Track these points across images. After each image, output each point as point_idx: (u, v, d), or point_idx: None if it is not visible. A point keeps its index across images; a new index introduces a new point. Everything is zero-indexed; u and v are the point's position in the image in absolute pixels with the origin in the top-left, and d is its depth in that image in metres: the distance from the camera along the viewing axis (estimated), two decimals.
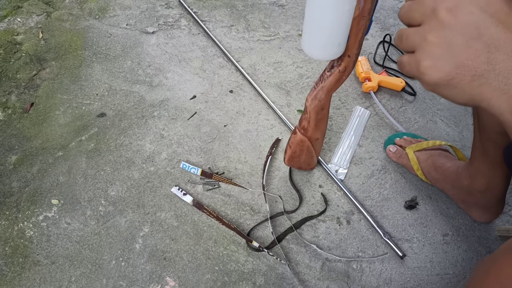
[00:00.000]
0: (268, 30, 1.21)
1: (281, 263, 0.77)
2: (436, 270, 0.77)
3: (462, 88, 0.29)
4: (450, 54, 0.29)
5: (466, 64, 0.28)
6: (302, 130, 0.75)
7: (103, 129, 0.99)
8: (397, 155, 0.89)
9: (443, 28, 0.29)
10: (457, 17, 0.28)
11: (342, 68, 0.62)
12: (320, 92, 0.67)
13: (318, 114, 0.71)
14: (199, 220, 0.84)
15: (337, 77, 0.64)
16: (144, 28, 1.22)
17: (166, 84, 1.08)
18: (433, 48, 0.30)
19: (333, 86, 0.66)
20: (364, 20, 0.53)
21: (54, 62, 1.14)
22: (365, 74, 1.03)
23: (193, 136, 0.97)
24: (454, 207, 0.84)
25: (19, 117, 1.02)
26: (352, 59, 0.61)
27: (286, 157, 0.82)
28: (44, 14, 1.27)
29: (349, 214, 0.84)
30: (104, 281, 0.77)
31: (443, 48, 0.29)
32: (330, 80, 0.64)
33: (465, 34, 0.28)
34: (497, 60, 0.28)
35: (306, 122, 0.73)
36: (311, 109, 0.70)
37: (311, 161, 0.85)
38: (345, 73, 0.63)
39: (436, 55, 0.29)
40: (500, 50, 0.28)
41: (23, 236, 0.83)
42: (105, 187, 0.89)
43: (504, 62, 0.28)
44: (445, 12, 0.29)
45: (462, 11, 0.28)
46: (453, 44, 0.29)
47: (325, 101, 0.69)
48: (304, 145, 0.78)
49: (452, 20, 0.29)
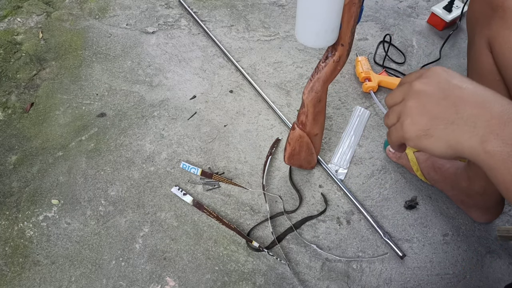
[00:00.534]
0: (268, 30, 1.21)
1: (281, 263, 0.77)
2: (436, 270, 0.77)
3: (438, 136, 0.35)
4: (425, 111, 0.36)
5: (439, 116, 0.35)
6: (300, 125, 0.75)
7: (103, 129, 0.99)
8: (397, 155, 0.89)
9: (418, 95, 0.37)
10: (429, 86, 0.36)
11: (336, 57, 0.62)
12: (317, 83, 0.67)
13: (316, 107, 0.71)
14: (199, 220, 0.84)
15: (332, 67, 0.64)
16: (144, 28, 1.22)
17: (166, 84, 1.08)
18: (412, 110, 0.37)
19: (328, 77, 0.66)
20: (354, 6, 0.53)
21: (54, 62, 1.14)
22: (365, 74, 1.03)
23: (193, 136, 0.97)
24: (454, 207, 0.84)
25: (19, 117, 1.02)
26: (345, 48, 0.60)
27: (286, 155, 0.82)
28: (44, 14, 1.27)
29: (349, 214, 0.84)
30: (104, 281, 0.77)
31: (419, 108, 0.36)
32: (325, 71, 0.65)
33: (436, 96, 0.36)
34: (464, 110, 0.34)
35: (304, 117, 0.73)
36: (309, 101, 0.70)
37: (311, 159, 0.84)
38: (339, 63, 0.63)
39: (415, 114, 0.37)
40: (465, 103, 0.34)
41: (23, 236, 0.83)
42: (105, 187, 0.89)
43: (470, 110, 0.34)
44: (419, 84, 0.37)
45: (432, 81, 0.36)
46: (427, 104, 0.36)
47: (322, 92, 0.69)
48: (303, 141, 0.78)
49: (425, 88, 0.37)
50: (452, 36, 1.13)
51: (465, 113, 0.34)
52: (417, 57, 1.12)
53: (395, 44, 1.14)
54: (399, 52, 1.13)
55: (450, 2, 1.11)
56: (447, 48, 1.13)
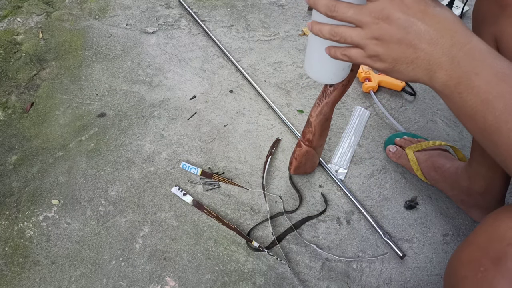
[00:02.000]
0: (268, 30, 1.21)
1: (281, 263, 0.77)
2: (436, 270, 0.77)
3: (402, 72, 0.42)
4: (389, 51, 0.41)
5: (400, 57, 0.40)
6: (307, 142, 0.75)
7: (103, 129, 0.99)
8: (397, 155, 0.89)
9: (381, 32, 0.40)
10: (390, 23, 0.39)
11: (345, 81, 0.63)
12: (325, 107, 0.67)
13: (323, 125, 0.72)
14: (199, 220, 0.84)
15: (341, 91, 0.65)
16: (144, 28, 1.22)
17: (166, 84, 1.08)
18: (377, 47, 0.41)
19: (337, 99, 0.67)
20: None
21: (54, 62, 1.14)
22: (365, 74, 1.03)
23: (193, 136, 0.97)
24: (454, 207, 0.84)
25: (19, 117, 1.02)
26: (354, 73, 0.62)
27: (292, 168, 0.82)
28: (44, 14, 1.27)
29: (349, 214, 0.84)
30: (104, 281, 0.77)
31: (383, 47, 0.41)
32: (334, 95, 0.65)
33: (397, 34, 0.39)
34: (421, 48, 0.38)
35: (311, 135, 0.73)
36: (316, 123, 0.70)
37: (315, 164, 0.86)
38: (348, 85, 0.64)
39: (380, 52, 0.41)
40: (422, 40, 0.38)
41: (23, 236, 0.83)
42: (105, 187, 0.89)
43: (426, 49, 0.38)
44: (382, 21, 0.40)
45: (393, 17, 0.39)
46: (390, 43, 0.40)
47: (329, 114, 0.70)
48: (309, 155, 0.79)
49: (387, 26, 0.40)
50: None
51: (421, 51, 0.38)
52: None
53: None
54: None
55: (450, 2, 1.11)
56: None
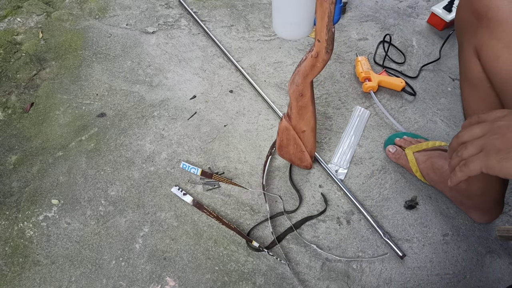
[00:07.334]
0: (268, 30, 1.21)
1: (281, 263, 0.77)
2: (436, 270, 0.77)
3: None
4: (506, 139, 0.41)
5: None
6: (287, 117, 0.77)
7: (103, 129, 0.99)
8: (396, 156, 0.89)
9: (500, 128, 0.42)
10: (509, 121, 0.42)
11: (314, 53, 0.62)
12: (297, 76, 0.68)
13: (298, 100, 0.72)
14: (199, 220, 0.84)
15: (311, 62, 0.64)
16: (144, 28, 1.22)
17: (166, 84, 1.08)
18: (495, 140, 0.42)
19: (308, 72, 0.66)
20: (327, 3, 0.53)
21: (54, 62, 1.14)
22: (365, 74, 1.03)
23: (193, 136, 0.97)
24: (454, 207, 0.84)
25: (19, 117, 1.02)
26: (323, 45, 0.60)
27: (277, 145, 0.85)
28: (44, 14, 1.27)
29: (349, 214, 0.84)
30: (104, 281, 0.77)
31: (502, 138, 0.41)
32: (304, 65, 0.65)
33: None
34: None
35: (289, 109, 0.75)
36: (290, 94, 0.72)
37: (302, 157, 0.85)
38: (318, 59, 0.63)
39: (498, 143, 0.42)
40: None
41: (23, 236, 0.83)
42: (105, 187, 0.89)
43: None
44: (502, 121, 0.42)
45: None
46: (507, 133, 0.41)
47: (303, 86, 0.69)
48: (289, 134, 0.79)
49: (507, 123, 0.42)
50: (452, 36, 1.13)
51: None
52: (417, 57, 1.12)
53: (395, 44, 1.14)
54: (399, 52, 1.13)
55: (450, 2, 1.11)
56: (447, 48, 1.13)
